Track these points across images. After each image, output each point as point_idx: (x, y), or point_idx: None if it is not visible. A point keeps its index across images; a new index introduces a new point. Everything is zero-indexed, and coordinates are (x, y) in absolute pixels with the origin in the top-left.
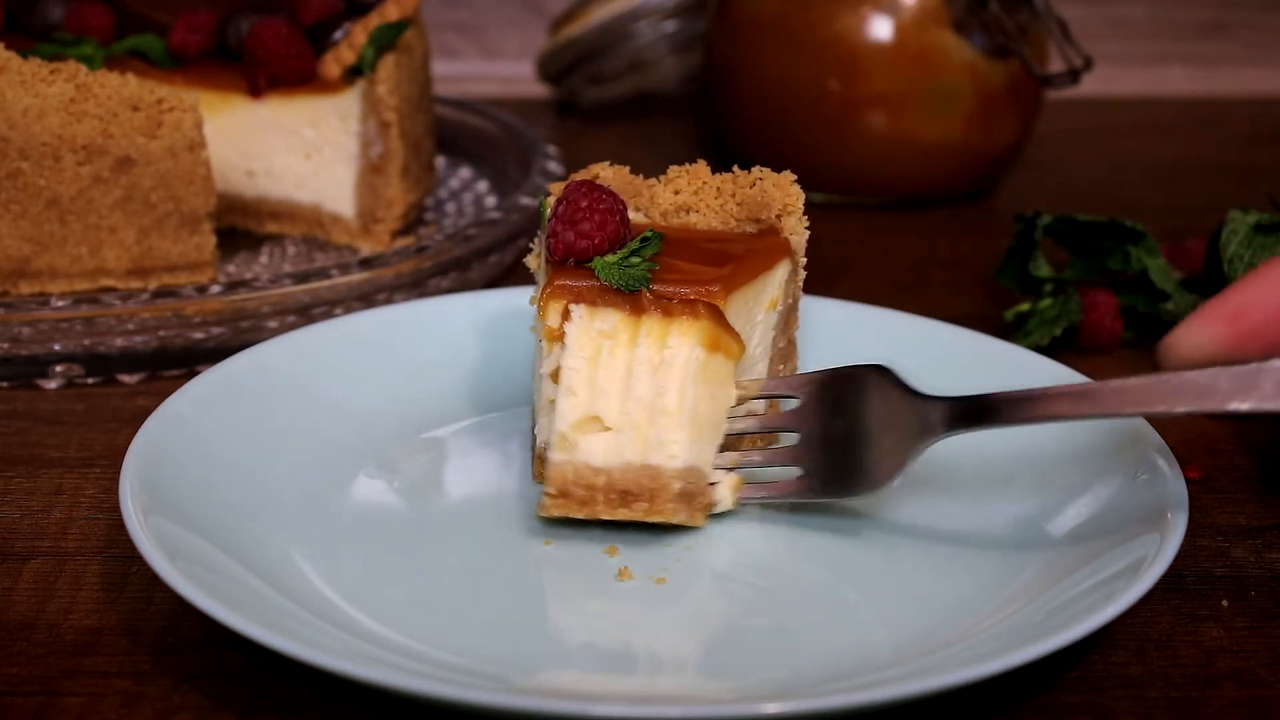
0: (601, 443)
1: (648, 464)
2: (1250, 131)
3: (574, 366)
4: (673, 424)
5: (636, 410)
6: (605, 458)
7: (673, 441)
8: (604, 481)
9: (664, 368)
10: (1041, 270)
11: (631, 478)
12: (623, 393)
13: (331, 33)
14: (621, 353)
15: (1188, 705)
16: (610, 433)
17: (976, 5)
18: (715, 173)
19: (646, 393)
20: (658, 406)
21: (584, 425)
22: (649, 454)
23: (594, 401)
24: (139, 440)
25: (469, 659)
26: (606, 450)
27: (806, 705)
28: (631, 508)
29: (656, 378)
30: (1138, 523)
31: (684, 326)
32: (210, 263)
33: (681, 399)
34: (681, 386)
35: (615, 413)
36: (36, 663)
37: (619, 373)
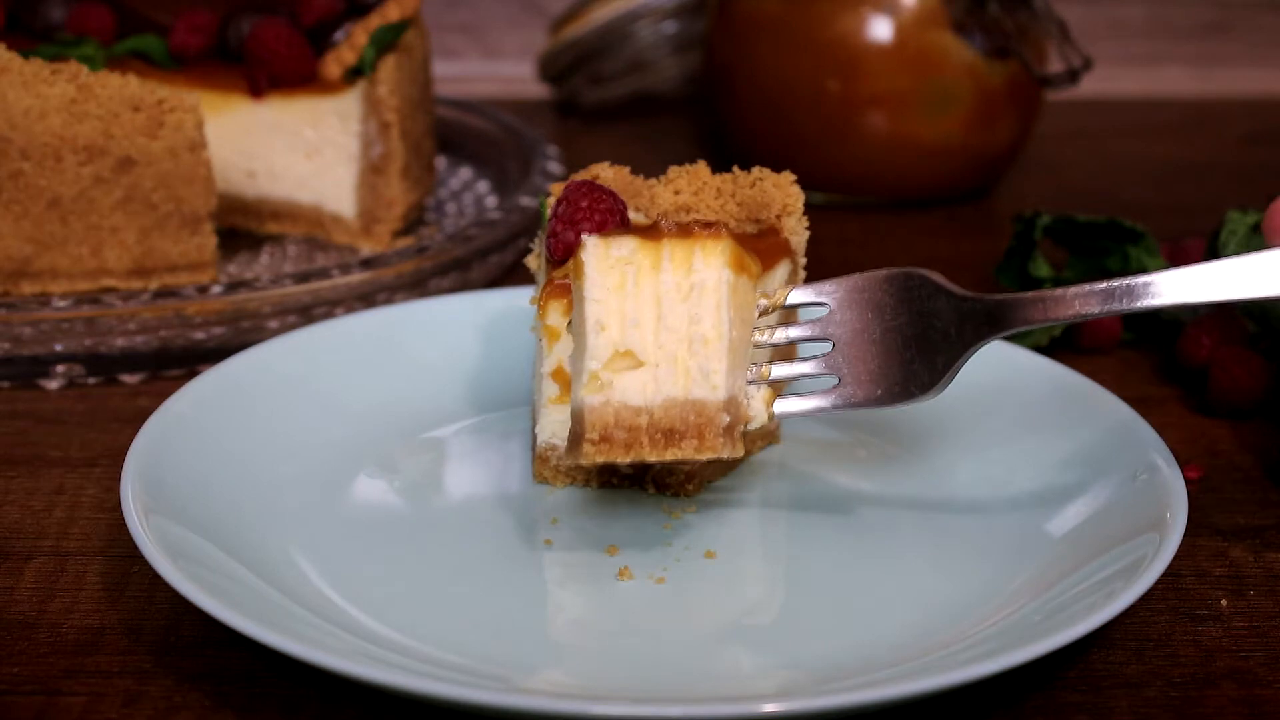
0: (639, 380)
1: (691, 398)
2: (1250, 131)
3: (599, 298)
4: (713, 353)
5: (672, 341)
6: (645, 396)
7: (715, 372)
8: (647, 422)
9: (696, 293)
10: (1041, 270)
11: (676, 414)
12: (655, 323)
13: (332, 33)
14: (647, 281)
15: (1187, 705)
16: (646, 368)
17: (976, 6)
18: (715, 173)
19: (680, 321)
20: (695, 335)
21: (617, 362)
22: (692, 388)
23: (625, 335)
24: (140, 440)
25: (469, 659)
26: (645, 387)
27: (806, 705)
28: (680, 446)
29: (689, 304)
30: (1137, 523)
31: (708, 247)
32: (211, 263)
33: (719, 325)
34: (717, 311)
35: (650, 346)
36: (38, 662)
37: (648, 302)
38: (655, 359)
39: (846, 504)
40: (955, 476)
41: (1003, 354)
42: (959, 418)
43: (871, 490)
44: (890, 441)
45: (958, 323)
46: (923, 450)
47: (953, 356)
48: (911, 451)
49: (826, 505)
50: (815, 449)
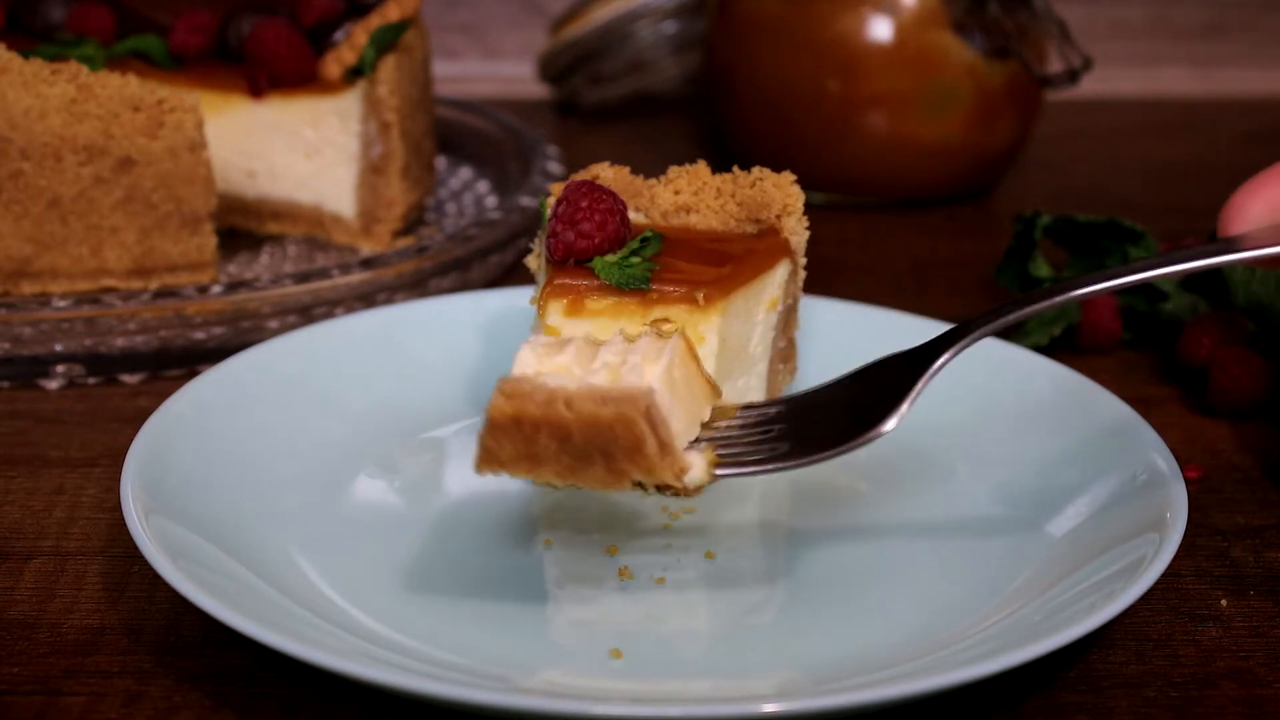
0: (565, 377)
1: (618, 385)
2: (1249, 131)
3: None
4: (647, 364)
5: (606, 357)
6: (567, 382)
7: (646, 372)
8: (564, 395)
9: (642, 342)
10: (1041, 270)
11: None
12: (592, 358)
13: (332, 33)
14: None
15: (1187, 704)
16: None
17: (976, 6)
18: (715, 173)
19: (619, 355)
20: (631, 357)
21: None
22: (619, 380)
23: (558, 358)
24: (140, 440)
25: (469, 658)
26: (570, 380)
27: (806, 705)
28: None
29: (632, 346)
30: (1137, 523)
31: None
32: (211, 263)
33: (658, 355)
34: (659, 351)
35: (585, 364)
36: (38, 662)
37: (588, 353)
38: (585, 370)
39: (846, 504)
40: (955, 476)
41: (1003, 354)
42: (959, 417)
43: (871, 490)
44: (890, 442)
45: (908, 355)
46: (923, 451)
47: (907, 384)
48: (911, 452)
49: (826, 505)
50: None
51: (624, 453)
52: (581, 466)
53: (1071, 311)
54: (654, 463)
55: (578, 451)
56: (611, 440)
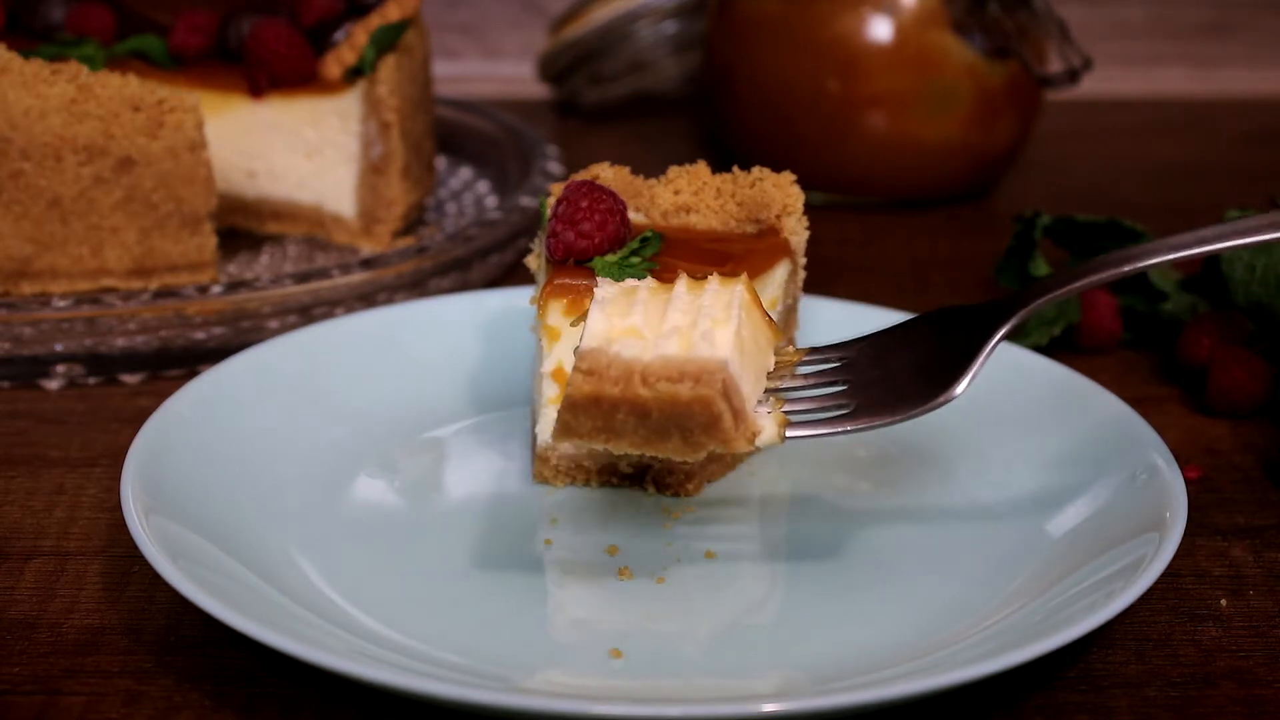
0: (637, 344)
1: (691, 356)
2: (1249, 131)
3: (604, 296)
4: (719, 329)
5: (676, 320)
6: (642, 354)
7: (720, 339)
8: (641, 369)
9: (708, 296)
10: (1041, 270)
11: (673, 367)
12: (660, 316)
13: (332, 33)
14: (655, 300)
15: (1186, 704)
16: (646, 340)
17: (976, 6)
18: (715, 173)
19: (687, 312)
20: (701, 317)
21: (614, 335)
22: (692, 349)
23: (628, 318)
24: (140, 440)
25: (469, 659)
26: (644, 350)
27: (806, 705)
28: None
29: (699, 302)
30: (1136, 523)
31: (722, 280)
32: (211, 263)
33: (729, 312)
34: (728, 307)
35: (653, 327)
36: (38, 662)
37: (654, 308)
38: (656, 334)
39: (846, 504)
40: (955, 476)
41: (1003, 354)
42: (959, 418)
43: (871, 490)
44: (890, 442)
45: (970, 322)
46: (922, 450)
47: (970, 352)
48: (911, 451)
49: (826, 505)
50: (815, 449)
51: (701, 428)
52: (658, 439)
53: (1071, 311)
54: (730, 435)
55: (655, 426)
56: (689, 417)
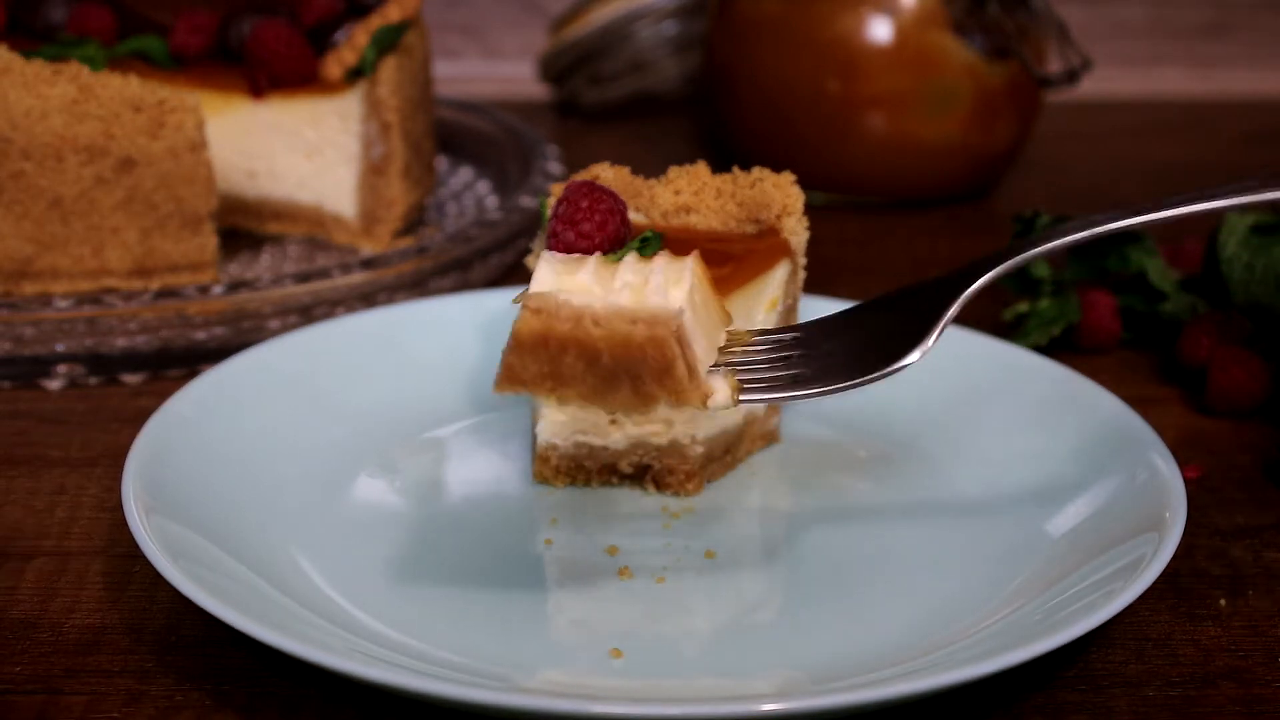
0: (589, 296)
1: (644, 307)
2: (1248, 132)
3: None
4: (673, 287)
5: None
6: (592, 300)
7: (672, 293)
8: (591, 314)
9: (657, 263)
10: (1041, 270)
11: (625, 315)
12: (611, 277)
13: (333, 34)
14: (608, 265)
15: (1186, 704)
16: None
17: (976, 6)
18: (715, 173)
19: (639, 275)
20: (653, 278)
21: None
22: (645, 300)
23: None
24: (141, 440)
25: (470, 658)
26: (594, 299)
27: (806, 705)
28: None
29: (649, 267)
30: (1136, 522)
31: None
32: (212, 263)
33: (680, 276)
34: (680, 271)
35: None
36: (39, 661)
37: (606, 270)
38: (607, 289)
39: (846, 504)
40: (955, 476)
41: (1003, 354)
42: (959, 418)
43: (871, 490)
44: (890, 441)
45: (927, 296)
46: (923, 450)
47: (933, 315)
48: (911, 451)
49: (826, 505)
50: (815, 449)
51: (653, 375)
52: (607, 389)
53: (1071, 311)
54: (682, 385)
55: (605, 373)
56: (641, 361)
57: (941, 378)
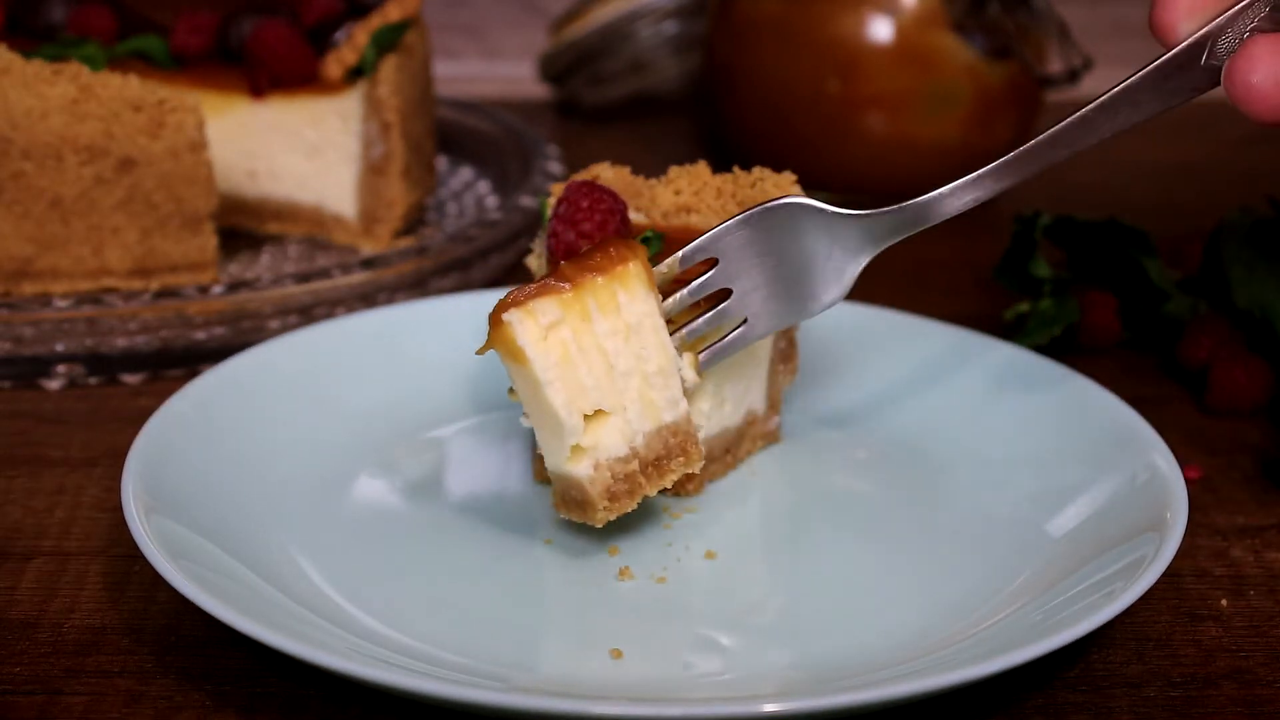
0: (615, 430)
1: (664, 424)
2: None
3: (551, 379)
4: (669, 380)
5: (630, 384)
6: (627, 441)
7: (675, 396)
8: (637, 465)
9: (634, 333)
10: (1041, 270)
11: (658, 444)
12: (608, 375)
13: (333, 34)
14: (585, 337)
15: (1187, 704)
16: (617, 416)
17: (976, 6)
18: (715, 173)
19: (630, 363)
20: (649, 371)
21: (591, 426)
22: (661, 416)
23: (590, 399)
24: (141, 440)
25: (469, 659)
26: (623, 434)
27: (806, 705)
28: (671, 469)
29: (631, 345)
30: (1137, 523)
31: (626, 281)
32: (212, 263)
33: (664, 353)
34: (658, 342)
35: (613, 396)
36: (39, 662)
37: (595, 358)
38: (620, 404)
39: (846, 504)
40: (955, 476)
41: (1003, 354)
42: (959, 418)
43: (871, 490)
44: (890, 441)
45: (843, 242)
46: (923, 450)
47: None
48: (911, 451)
49: (826, 505)
50: (815, 449)
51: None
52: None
53: (1071, 311)
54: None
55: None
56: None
57: (941, 378)
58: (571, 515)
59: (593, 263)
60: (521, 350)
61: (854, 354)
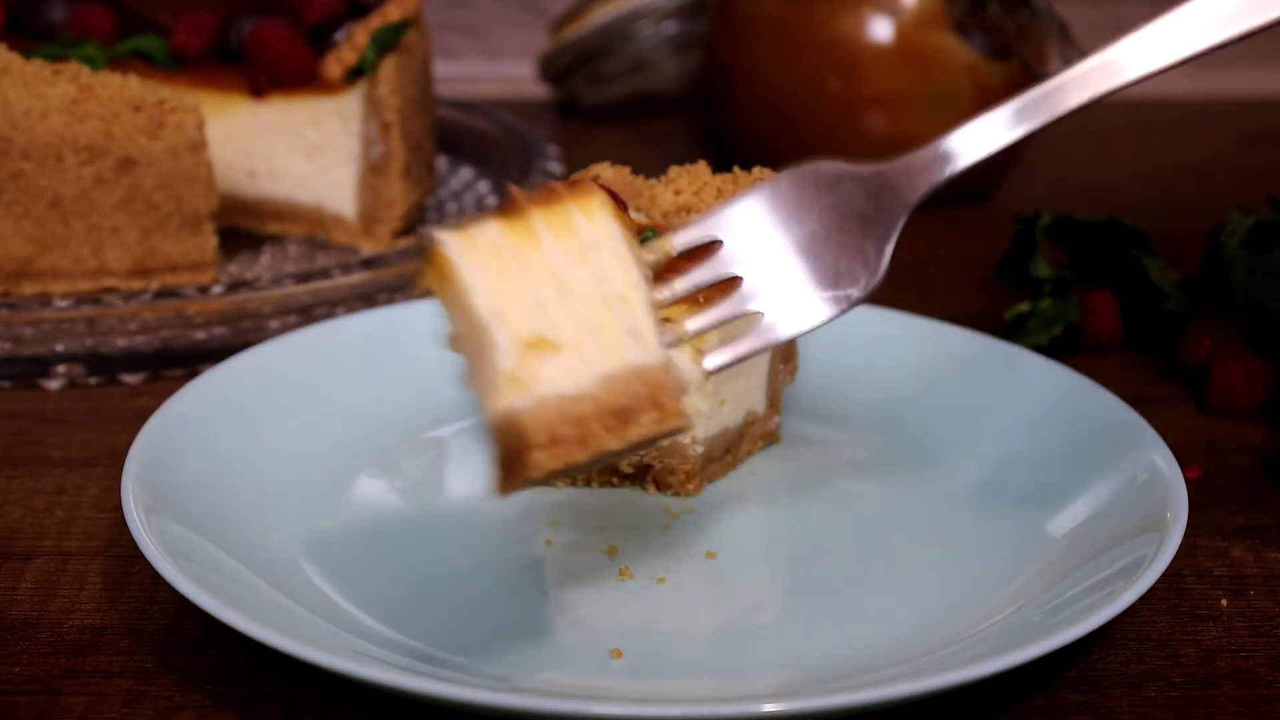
0: (564, 364)
1: (630, 366)
2: (1250, 132)
3: (484, 288)
4: (636, 308)
5: (586, 309)
6: (579, 379)
7: (645, 330)
8: (592, 407)
9: (592, 252)
10: (1041, 271)
11: (621, 388)
12: (559, 296)
13: (333, 33)
14: (532, 258)
15: (1187, 704)
16: (568, 350)
17: (976, 6)
18: (715, 173)
19: (587, 285)
20: (609, 295)
21: (531, 354)
22: (626, 355)
23: (530, 320)
24: (141, 440)
25: (469, 659)
26: (575, 371)
27: (806, 705)
28: (639, 423)
29: (589, 265)
30: (1137, 522)
31: (585, 204)
32: (212, 263)
33: (630, 276)
34: (623, 264)
35: (563, 322)
36: (39, 662)
37: (542, 277)
38: (574, 336)
39: (846, 504)
40: (955, 476)
41: (1003, 354)
42: (959, 418)
43: (871, 490)
44: (890, 441)
45: (872, 201)
46: (923, 450)
47: (880, 238)
48: (912, 451)
49: (826, 505)
50: (815, 449)
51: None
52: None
53: (1071, 311)
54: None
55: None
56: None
57: (942, 378)
58: (510, 483)
59: (548, 189)
60: (452, 264)
61: (854, 354)
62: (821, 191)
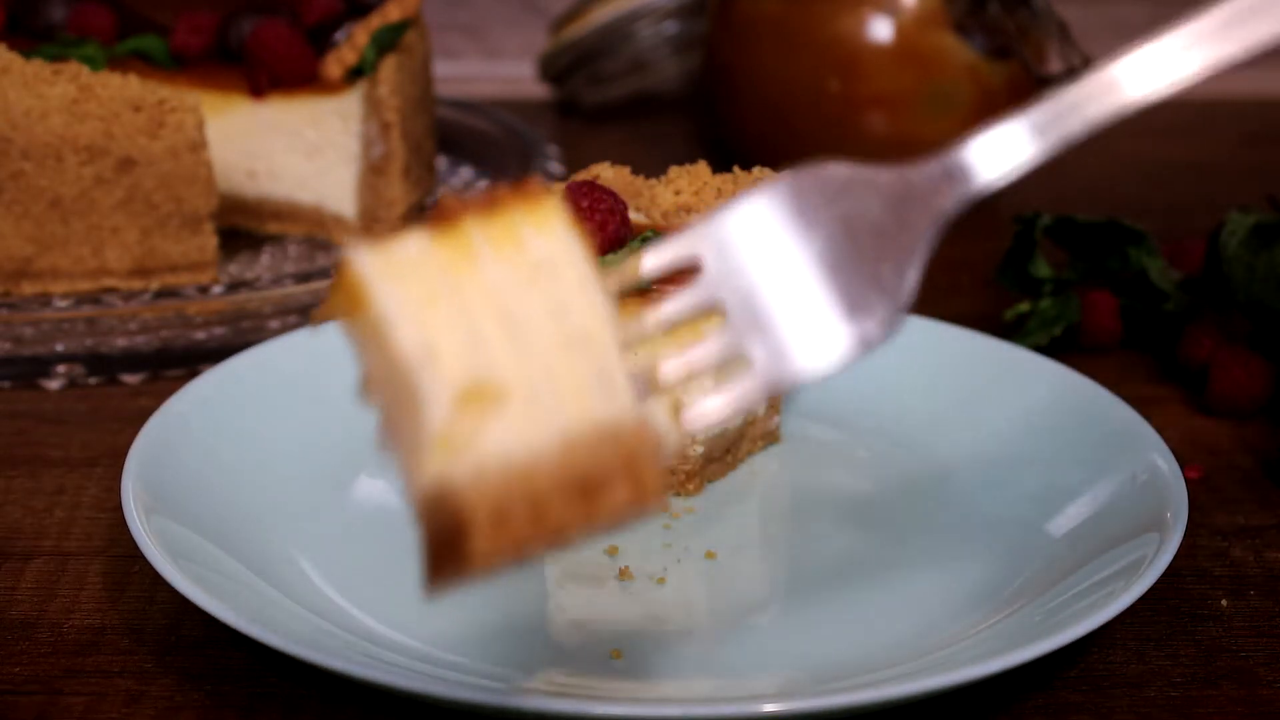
0: (511, 420)
1: (597, 422)
2: (1250, 131)
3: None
4: (602, 348)
5: (538, 346)
6: (530, 440)
7: (615, 375)
8: (549, 478)
9: (544, 274)
10: (1041, 271)
11: (586, 453)
12: (502, 330)
13: (333, 33)
14: (466, 279)
15: (1187, 704)
16: (515, 400)
17: (976, 6)
18: (715, 173)
19: (538, 315)
20: (568, 331)
21: (468, 406)
22: (593, 407)
23: (469, 359)
24: (141, 440)
25: (469, 659)
26: (525, 428)
27: (806, 705)
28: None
29: (541, 291)
30: (1137, 522)
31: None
32: (212, 263)
33: (594, 307)
34: (584, 290)
35: (508, 363)
36: (39, 662)
37: (479, 304)
38: (523, 382)
39: (846, 504)
40: (955, 476)
41: (1003, 354)
42: (959, 418)
43: (871, 490)
44: (890, 441)
45: (892, 213)
46: (923, 450)
47: (902, 259)
48: (912, 451)
49: (826, 505)
50: (815, 449)
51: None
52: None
53: (1071, 311)
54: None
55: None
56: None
57: (942, 378)
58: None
59: (488, 194)
60: (365, 287)
61: None
62: (829, 200)
